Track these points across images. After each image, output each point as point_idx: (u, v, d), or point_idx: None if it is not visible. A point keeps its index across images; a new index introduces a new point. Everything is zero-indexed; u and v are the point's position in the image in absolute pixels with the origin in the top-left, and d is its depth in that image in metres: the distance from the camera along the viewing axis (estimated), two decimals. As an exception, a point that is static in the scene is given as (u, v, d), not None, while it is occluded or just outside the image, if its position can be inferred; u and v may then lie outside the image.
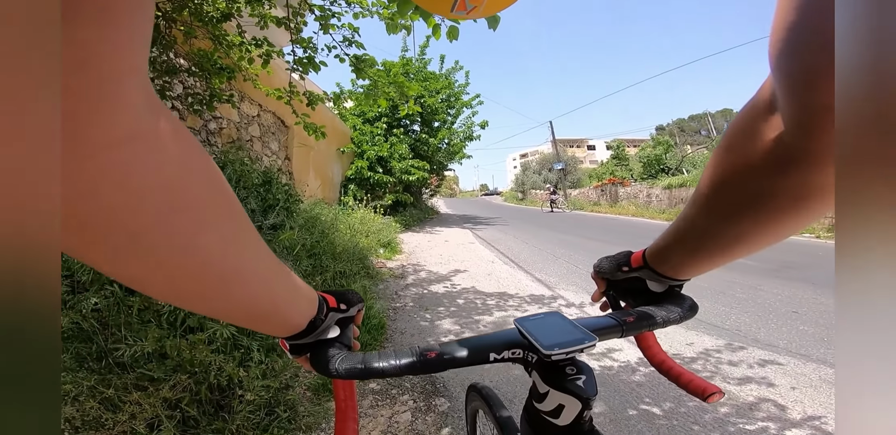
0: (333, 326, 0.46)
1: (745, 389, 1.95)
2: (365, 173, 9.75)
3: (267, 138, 5.35)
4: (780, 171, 0.33)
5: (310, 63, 2.80)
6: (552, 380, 0.45)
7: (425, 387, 2.09)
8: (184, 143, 0.25)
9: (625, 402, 1.89)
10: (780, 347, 2.42)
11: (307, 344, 0.45)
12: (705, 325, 2.90)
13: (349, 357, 0.44)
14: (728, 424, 1.64)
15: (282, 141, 5.88)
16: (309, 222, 3.99)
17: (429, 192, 16.23)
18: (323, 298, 0.45)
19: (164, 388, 1.27)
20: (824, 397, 1.82)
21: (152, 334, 1.41)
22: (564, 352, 0.43)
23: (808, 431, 1.56)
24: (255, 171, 3.37)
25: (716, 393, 0.51)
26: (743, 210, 0.39)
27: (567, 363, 0.46)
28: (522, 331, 0.47)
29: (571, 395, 0.43)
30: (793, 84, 0.28)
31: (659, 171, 15.83)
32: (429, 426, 1.72)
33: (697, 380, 0.54)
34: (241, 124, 4.60)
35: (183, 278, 0.28)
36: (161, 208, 0.23)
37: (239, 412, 1.40)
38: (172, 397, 1.28)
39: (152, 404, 1.21)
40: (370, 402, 1.93)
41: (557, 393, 0.44)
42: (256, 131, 5.00)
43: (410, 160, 10.33)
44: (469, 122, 11.88)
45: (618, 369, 2.29)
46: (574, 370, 0.45)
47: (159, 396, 1.24)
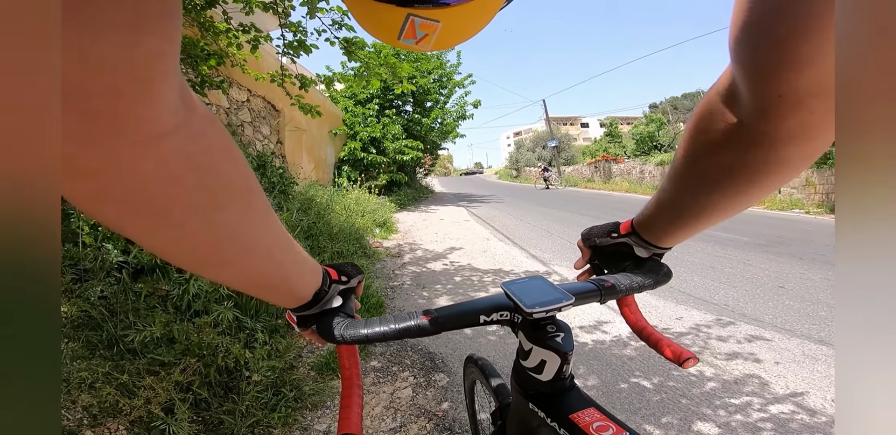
0: (336, 297, 0.50)
1: (731, 363, 2.04)
2: (358, 154, 9.79)
3: (258, 123, 5.36)
4: (743, 149, 0.37)
5: (301, 46, 2.80)
6: (535, 337, 0.50)
7: (424, 363, 2.17)
8: (213, 131, 0.27)
9: (616, 375, 1.97)
10: (766, 322, 2.51)
11: (313, 315, 0.49)
12: (694, 299, 2.99)
13: (352, 324, 0.48)
14: (714, 398, 1.73)
15: (273, 125, 5.90)
16: (305, 204, 4.04)
17: (423, 171, 16.32)
18: (326, 271, 0.49)
19: (174, 371, 1.32)
20: (807, 373, 1.89)
21: (159, 319, 1.44)
22: (544, 310, 0.47)
23: (791, 407, 1.63)
24: (248, 155, 3.38)
25: (690, 358, 0.55)
26: (712, 183, 0.43)
27: (548, 322, 0.51)
28: (508, 293, 0.51)
29: (551, 350, 0.49)
30: (750, 76, 0.30)
31: (652, 148, 16.01)
32: (429, 401, 1.80)
33: (674, 346, 0.58)
34: (231, 110, 4.62)
35: (205, 249, 0.32)
36: (191, 188, 0.27)
37: (247, 393, 1.46)
38: (184, 381, 1.33)
39: (165, 388, 1.26)
40: (372, 379, 2.00)
41: (539, 349, 0.50)
42: (247, 116, 5.03)
43: (404, 140, 10.37)
44: (462, 102, 11.89)
45: (609, 343, 2.38)
46: (554, 328, 0.50)
47: (171, 380, 1.29)
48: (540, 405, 0.52)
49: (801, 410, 1.59)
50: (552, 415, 0.49)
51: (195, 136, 0.26)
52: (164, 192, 0.26)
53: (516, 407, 0.60)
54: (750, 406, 1.64)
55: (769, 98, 0.29)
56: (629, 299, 0.65)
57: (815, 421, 1.52)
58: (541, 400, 0.52)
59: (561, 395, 0.52)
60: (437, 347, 2.40)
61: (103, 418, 1.26)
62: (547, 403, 0.51)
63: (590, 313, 2.87)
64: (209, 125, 0.27)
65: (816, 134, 0.31)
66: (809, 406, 1.62)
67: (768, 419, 1.54)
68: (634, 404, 1.71)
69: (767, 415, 1.56)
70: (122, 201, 0.25)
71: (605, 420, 0.46)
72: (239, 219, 0.31)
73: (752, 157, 0.37)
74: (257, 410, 1.46)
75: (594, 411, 0.48)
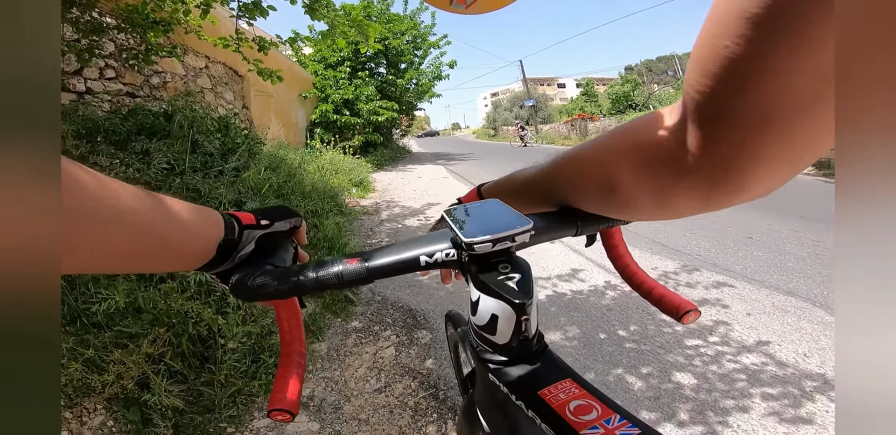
0: (251, 244, 0.41)
1: (706, 314, 2.10)
2: (331, 117, 9.70)
3: (220, 89, 5.26)
4: (652, 168, 0.33)
5: (256, 8, 2.60)
6: (481, 282, 0.37)
7: (406, 321, 2.16)
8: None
9: (596, 326, 2.02)
10: (736, 272, 2.60)
11: (229, 271, 0.40)
12: (669, 249, 3.08)
13: (266, 274, 0.38)
14: (688, 347, 1.79)
15: (237, 90, 5.74)
16: (273, 163, 3.93)
17: (399, 132, 16.33)
18: (231, 217, 0.41)
19: (143, 343, 1.23)
20: (777, 325, 1.95)
21: (121, 288, 1.33)
22: (490, 240, 0.35)
23: (761, 357, 1.70)
24: (208, 116, 3.25)
25: (691, 311, 0.46)
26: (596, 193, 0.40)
27: (499, 260, 0.38)
28: (447, 220, 0.40)
29: (501, 299, 0.36)
30: (694, 92, 0.26)
31: (627, 107, 16.90)
32: (413, 359, 1.80)
33: (671, 295, 0.49)
34: (189, 77, 4.53)
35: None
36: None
37: (224, 362, 1.40)
38: (154, 352, 1.26)
39: (136, 362, 1.18)
40: (353, 340, 1.98)
41: (487, 299, 0.37)
42: (207, 83, 4.95)
43: (378, 102, 10.27)
44: (437, 63, 11.79)
45: (588, 293, 2.42)
46: (507, 268, 0.37)
47: (141, 352, 1.21)
48: (500, 377, 0.39)
49: (772, 361, 1.67)
50: (516, 390, 0.37)
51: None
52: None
53: (479, 376, 0.48)
54: (723, 356, 1.71)
55: (705, 120, 0.26)
56: (617, 237, 0.54)
57: (784, 373, 1.58)
58: (501, 370, 0.40)
59: (524, 363, 0.39)
60: (419, 303, 2.39)
61: (78, 398, 1.18)
62: (508, 375, 0.39)
63: (565, 262, 2.91)
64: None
65: (745, 175, 0.27)
66: (780, 358, 1.69)
67: (741, 370, 1.60)
68: (615, 356, 1.75)
69: (740, 366, 1.63)
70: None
71: (587, 397, 0.34)
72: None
73: (656, 181, 0.32)
74: (237, 379, 1.42)
75: (570, 385, 0.36)
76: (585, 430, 0.31)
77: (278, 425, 1.40)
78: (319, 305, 2.29)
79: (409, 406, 1.47)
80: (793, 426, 1.30)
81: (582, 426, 0.31)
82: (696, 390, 1.49)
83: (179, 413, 1.31)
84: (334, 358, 1.81)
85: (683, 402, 1.43)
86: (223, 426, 1.36)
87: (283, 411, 0.38)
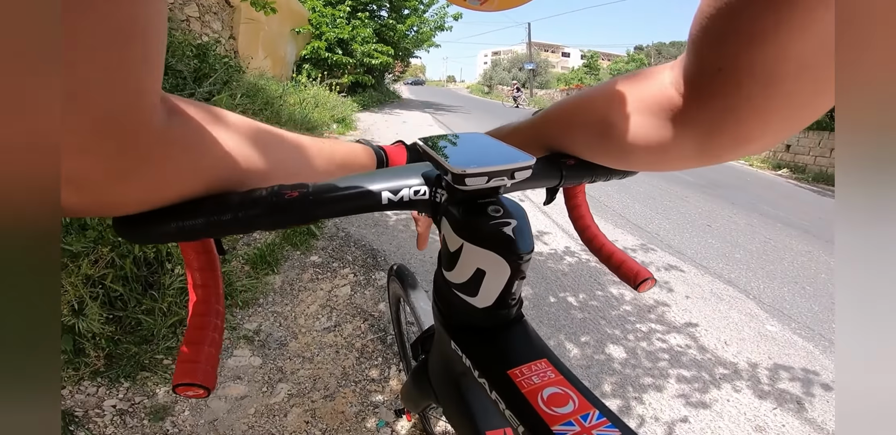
0: None
1: (648, 291, 2.22)
2: (322, 54, 9.47)
3: (207, 18, 5.11)
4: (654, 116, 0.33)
5: None
6: (467, 227, 0.30)
7: (367, 260, 2.17)
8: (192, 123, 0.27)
9: (548, 289, 2.10)
10: (687, 256, 2.73)
11: None
12: (631, 225, 3.21)
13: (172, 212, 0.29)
14: (627, 321, 1.91)
15: (225, 20, 5.57)
16: (252, 91, 3.87)
17: (392, 77, 16.17)
18: (382, 151, 0.42)
19: (83, 264, 1.15)
20: (710, 311, 2.08)
21: None
22: (485, 172, 0.28)
23: (686, 340, 1.81)
24: (186, 41, 3.00)
25: (648, 280, 0.44)
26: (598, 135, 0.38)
27: (490, 201, 0.31)
28: (425, 149, 0.32)
29: (492, 249, 0.29)
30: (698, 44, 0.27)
31: None
32: (367, 300, 1.83)
33: (630, 262, 0.46)
34: (175, 5, 4.41)
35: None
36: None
37: (170, 288, 1.34)
38: (95, 274, 1.18)
39: (73, 284, 1.10)
40: (310, 275, 1.97)
41: (473, 249, 0.30)
42: (194, 11, 4.79)
43: (374, 44, 10.12)
44: (442, 13, 11.60)
45: (547, 256, 2.49)
46: (500, 212, 0.30)
47: (80, 273, 1.13)
48: (465, 347, 0.34)
49: (695, 345, 1.80)
50: (480, 366, 0.32)
51: (176, 142, 0.26)
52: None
53: (438, 342, 0.44)
54: (654, 334, 1.83)
55: (708, 70, 0.26)
56: (579, 197, 0.50)
57: (702, 358, 1.71)
58: (468, 339, 0.34)
59: (498, 333, 0.34)
60: (382, 243, 2.39)
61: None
62: (475, 346, 0.34)
63: (533, 223, 2.98)
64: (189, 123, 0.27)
65: (748, 123, 0.27)
66: (703, 343, 1.81)
67: (666, 350, 1.73)
68: (560, 321, 1.84)
69: (667, 346, 1.76)
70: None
71: (563, 384, 0.29)
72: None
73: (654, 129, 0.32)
74: (180, 308, 1.37)
75: (546, 366, 0.31)
76: (558, 425, 0.26)
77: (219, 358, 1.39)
78: (280, 235, 2.24)
79: (355, 347, 1.51)
80: (693, 410, 1.42)
81: (555, 421, 0.27)
82: (623, 365, 1.61)
83: (114, 343, 1.25)
84: (287, 292, 1.81)
85: (610, 374, 1.54)
86: (159, 358, 1.32)
87: (196, 386, 0.29)
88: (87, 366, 1.20)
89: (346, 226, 2.56)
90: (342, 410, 1.25)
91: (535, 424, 0.27)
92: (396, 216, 2.82)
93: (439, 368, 0.47)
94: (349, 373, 1.39)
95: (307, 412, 1.23)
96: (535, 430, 0.27)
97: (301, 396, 1.28)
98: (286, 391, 1.30)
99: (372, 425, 1.21)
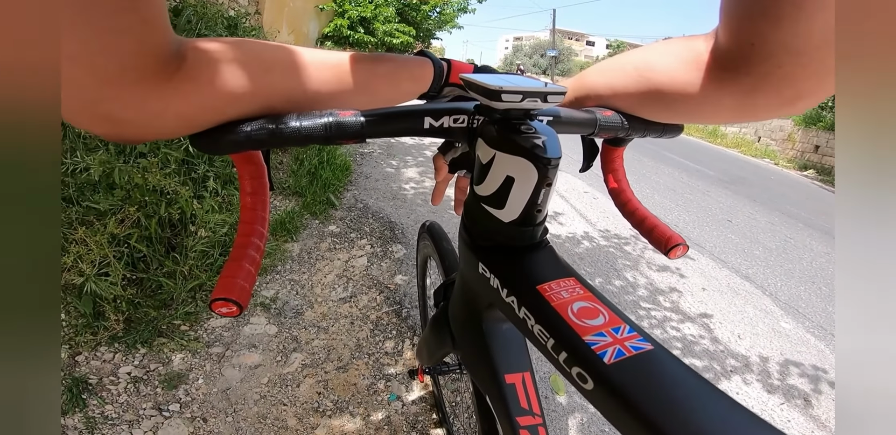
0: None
1: (663, 279, 2.20)
2: (344, 32, 9.46)
3: None
4: (698, 78, 0.36)
5: None
6: (500, 138, 0.32)
7: (384, 232, 2.17)
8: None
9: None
10: (706, 249, 2.69)
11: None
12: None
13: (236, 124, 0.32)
14: (641, 308, 1.90)
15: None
16: None
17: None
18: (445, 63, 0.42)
19: (110, 222, 1.15)
20: (725, 303, 2.07)
21: (99, 159, 1.20)
22: (521, 90, 0.30)
23: (700, 330, 1.81)
24: (220, 13, 3.11)
25: (680, 245, 0.44)
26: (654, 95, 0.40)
27: (522, 122, 0.34)
28: (468, 78, 0.34)
29: (523, 155, 0.31)
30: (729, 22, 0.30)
31: None
32: (383, 272, 1.83)
33: (662, 227, 0.46)
34: None
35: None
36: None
37: (193, 250, 1.34)
38: (121, 233, 1.18)
39: (98, 243, 1.10)
40: (328, 244, 1.98)
41: (504, 157, 0.32)
42: None
43: (396, 24, 10.10)
44: None
45: (564, 239, 2.47)
46: (532, 130, 0.33)
47: (106, 232, 1.13)
48: (494, 267, 0.35)
49: (708, 336, 1.79)
50: (510, 284, 0.33)
51: (189, 82, 0.28)
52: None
53: (463, 275, 0.44)
54: (668, 322, 1.83)
55: (742, 45, 0.30)
56: (617, 161, 0.51)
57: (714, 349, 1.70)
58: (496, 259, 0.35)
59: (526, 253, 0.35)
60: (400, 216, 2.39)
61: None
62: (503, 265, 0.35)
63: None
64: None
65: (782, 87, 0.31)
66: (716, 335, 1.80)
67: (679, 339, 1.73)
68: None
69: (680, 334, 1.75)
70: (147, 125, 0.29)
71: (593, 300, 0.29)
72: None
73: (694, 83, 0.35)
74: (201, 272, 1.36)
75: (575, 283, 0.31)
76: (590, 335, 0.26)
77: (235, 326, 1.37)
78: (300, 203, 2.25)
79: (370, 319, 1.53)
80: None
81: (586, 332, 0.26)
82: (636, 351, 1.61)
83: (134, 306, 1.24)
84: (305, 260, 1.82)
85: (621, 359, 1.55)
86: (177, 323, 1.31)
87: (230, 302, 0.30)
88: (107, 330, 1.19)
89: (365, 197, 2.56)
90: (355, 381, 1.26)
91: (566, 336, 0.27)
92: (414, 190, 2.81)
93: (461, 309, 0.47)
94: (363, 345, 1.40)
95: (320, 383, 1.23)
96: (565, 341, 0.27)
97: (314, 367, 1.29)
98: (300, 361, 1.30)
99: (384, 399, 1.22)
